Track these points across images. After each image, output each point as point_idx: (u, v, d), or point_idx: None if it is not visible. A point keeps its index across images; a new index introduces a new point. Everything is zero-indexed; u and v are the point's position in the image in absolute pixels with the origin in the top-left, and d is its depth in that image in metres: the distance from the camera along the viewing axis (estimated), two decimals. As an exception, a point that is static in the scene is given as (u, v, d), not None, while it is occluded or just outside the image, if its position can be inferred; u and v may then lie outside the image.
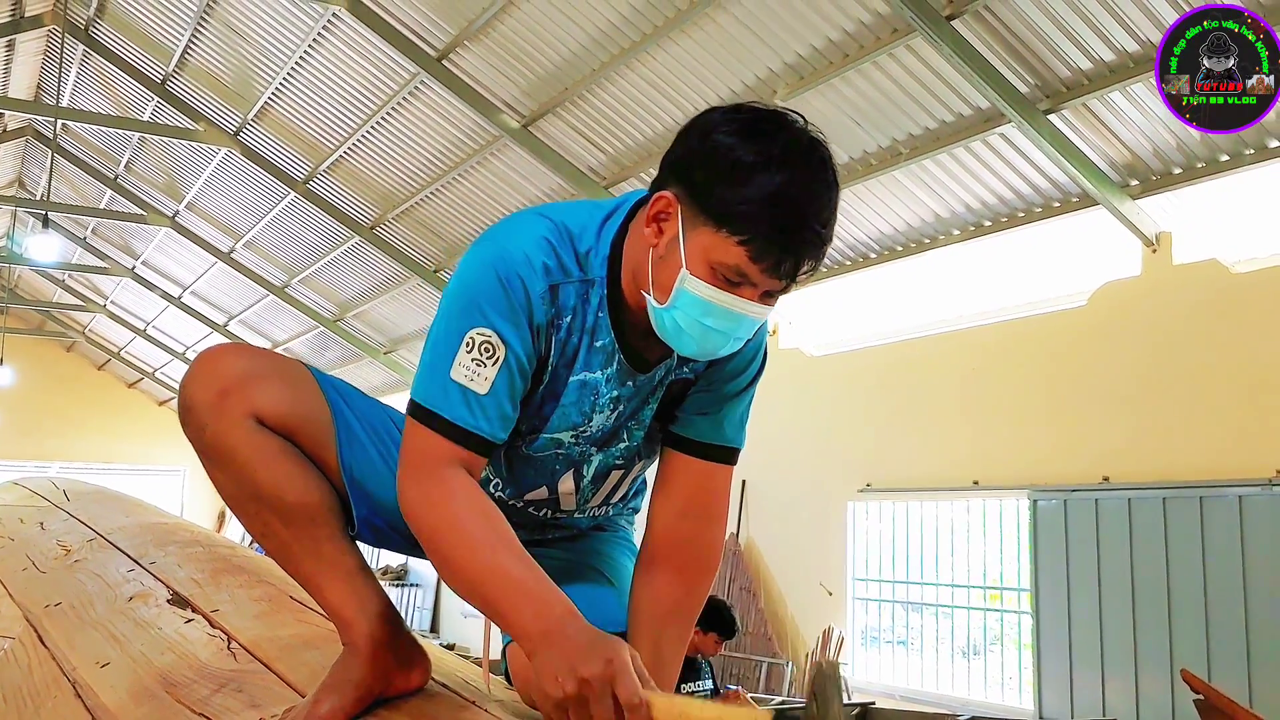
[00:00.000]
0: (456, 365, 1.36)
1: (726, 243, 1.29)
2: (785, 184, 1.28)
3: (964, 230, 7.03)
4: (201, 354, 1.51)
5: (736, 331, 1.36)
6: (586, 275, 1.42)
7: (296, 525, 1.46)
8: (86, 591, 2.08)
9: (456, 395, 1.36)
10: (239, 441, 1.44)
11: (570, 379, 1.45)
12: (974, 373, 7.29)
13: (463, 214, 10.14)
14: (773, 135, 1.31)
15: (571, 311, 1.42)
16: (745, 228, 1.28)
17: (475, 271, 1.39)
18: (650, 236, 1.36)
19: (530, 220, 1.43)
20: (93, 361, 20.63)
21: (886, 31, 6.00)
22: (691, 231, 1.32)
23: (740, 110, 1.34)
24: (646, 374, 1.49)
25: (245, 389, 1.45)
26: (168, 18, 9.84)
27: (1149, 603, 6.08)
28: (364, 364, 14.43)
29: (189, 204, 13.07)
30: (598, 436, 1.52)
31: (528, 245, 1.39)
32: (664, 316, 1.37)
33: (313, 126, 10.11)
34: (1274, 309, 5.69)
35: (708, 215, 1.30)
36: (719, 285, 1.32)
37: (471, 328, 1.36)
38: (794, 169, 1.29)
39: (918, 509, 7.83)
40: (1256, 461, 5.65)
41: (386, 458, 1.52)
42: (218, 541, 2.37)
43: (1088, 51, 5.52)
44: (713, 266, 1.31)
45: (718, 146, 1.31)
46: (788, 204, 1.28)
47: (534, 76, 7.86)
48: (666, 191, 1.35)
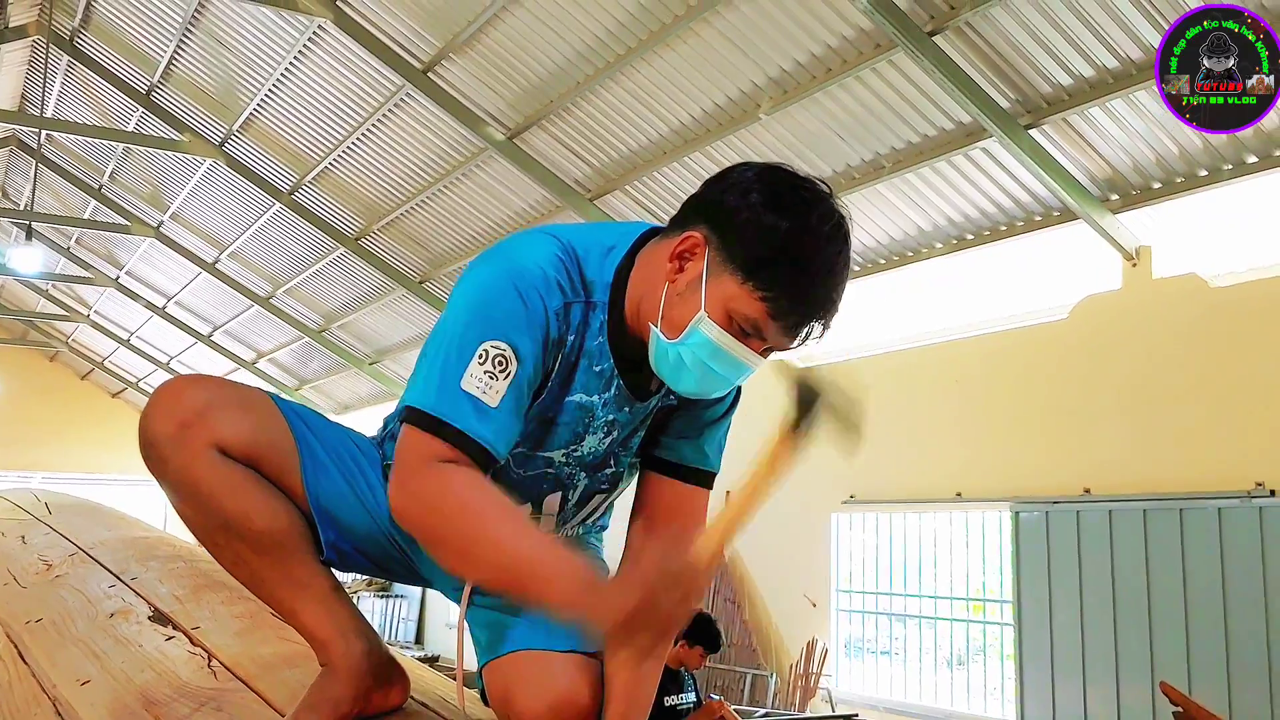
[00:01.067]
0: (468, 376, 1.35)
1: (749, 296, 1.35)
2: (814, 253, 1.35)
3: (946, 243, 7.07)
4: (159, 388, 1.50)
5: (734, 379, 1.42)
6: (591, 298, 1.43)
7: (267, 552, 1.46)
8: (68, 607, 2.08)
9: (467, 405, 1.34)
10: (203, 473, 1.43)
11: (567, 399, 1.46)
12: (957, 385, 7.33)
13: (448, 226, 10.14)
14: (809, 204, 1.36)
15: (576, 332, 1.43)
16: (771, 286, 1.34)
17: (491, 284, 1.38)
18: (670, 272, 1.39)
19: (541, 239, 1.45)
20: (76, 371, 20.54)
21: (869, 47, 6.04)
22: (715, 277, 1.36)
23: (779, 172, 1.39)
24: (644, 403, 1.51)
25: (206, 420, 1.44)
26: (153, 29, 9.84)
27: (1130, 614, 6.12)
28: (349, 374, 14.40)
29: (173, 214, 13.04)
30: (588, 459, 1.53)
31: (544, 261, 1.40)
32: (668, 351, 1.39)
33: (298, 138, 10.11)
34: (1252, 323, 5.74)
35: (735, 265, 1.35)
36: (732, 333, 1.37)
37: (486, 339, 1.35)
38: (824, 241, 1.35)
39: (901, 520, 7.85)
40: (1235, 474, 5.69)
41: (351, 482, 1.53)
42: (199, 557, 2.37)
43: (1068, 67, 5.57)
44: (730, 314, 1.36)
45: (755, 203, 1.35)
46: (814, 273, 1.35)
47: (519, 89, 7.88)
48: (695, 232, 1.37)
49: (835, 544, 8.21)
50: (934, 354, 7.58)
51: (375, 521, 1.52)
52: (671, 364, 1.40)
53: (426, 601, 14.09)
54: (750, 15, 6.25)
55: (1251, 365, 5.71)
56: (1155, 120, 5.60)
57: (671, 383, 1.43)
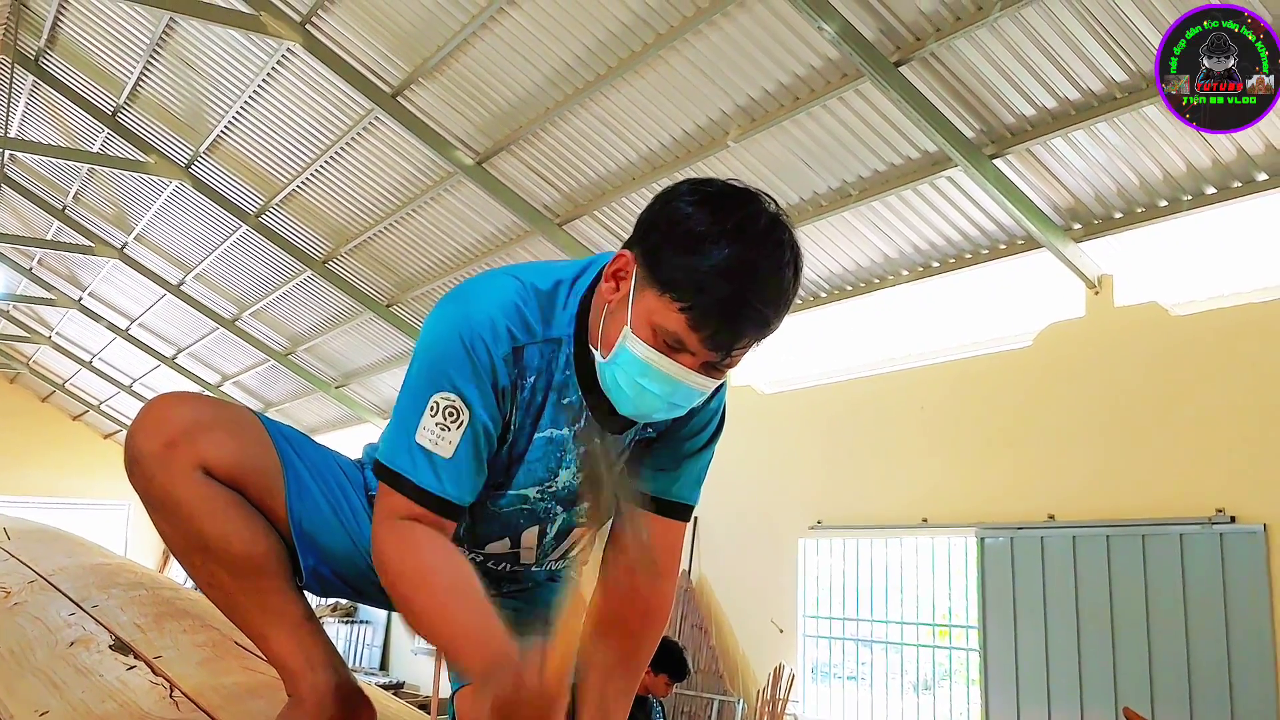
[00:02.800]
0: (421, 429, 1.37)
1: (669, 308, 1.31)
2: (733, 258, 1.29)
3: (912, 270, 7.14)
4: (149, 403, 1.50)
5: (673, 397, 1.37)
6: (553, 334, 1.43)
7: (243, 576, 1.46)
8: (27, 636, 2.05)
9: (422, 459, 1.37)
10: (186, 493, 1.44)
11: (536, 435, 1.47)
12: (922, 411, 7.38)
13: (416, 249, 10.12)
14: (731, 210, 1.33)
15: (536, 371, 1.43)
16: (687, 295, 1.30)
17: (440, 335, 1.40)
18: (608, 292, 1.39)
19: (500, 281, 1.45)
20: (36, 394, 20.26)
21: (836, 76, 6.11)
22: (641, 292, 1.35)
23: (710, 183, 1.37)
24: (618, 434, 1.51)
25: (193, 440, 1.45)
26: (120, 50, 9.78)
27: (1094, 638, 6.16)
28: (315, 398, 14.30)
29: (138, 236, 12.93)
30: (563, 494, 1.53)
31: (492, 309, 1.41)
32: (605, 371, 1.39)
33: (266, 160, 10.06)
34: (1212, 351, 5.83)
35: (655, 278, 1.33)
36: (659, 348, 1.33)
37: (436, 391, 1.37)
38: (745, 245, 1.30)
39: (868, 546, 7.88)
40: (1197, 500, 5.76)
41: (336, 507, 1.53)
42: (162, 584, 2.34)
43: (1031, 99, 5.66)
44: (654, 329, 1.33)
45: (676, 213, 1.34)
46: (732, 279, 1.29)
47: (489, 114, 7.89)
48: (627, 250, 1.38)
49: (803, 569, 8.22)
50: (900, 380, 7.63)
51: (357, 546, 1.52)
52: (609, 385, 1.39)
53: (392, 627, 13.95)
54: (719, 44, 6.30)
55: (1211, 393, 5.79)
56: (1116, 151, 5.69)
57: (616, 405, 1.41)
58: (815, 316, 8.03)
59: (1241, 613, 5.54)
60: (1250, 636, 5.49)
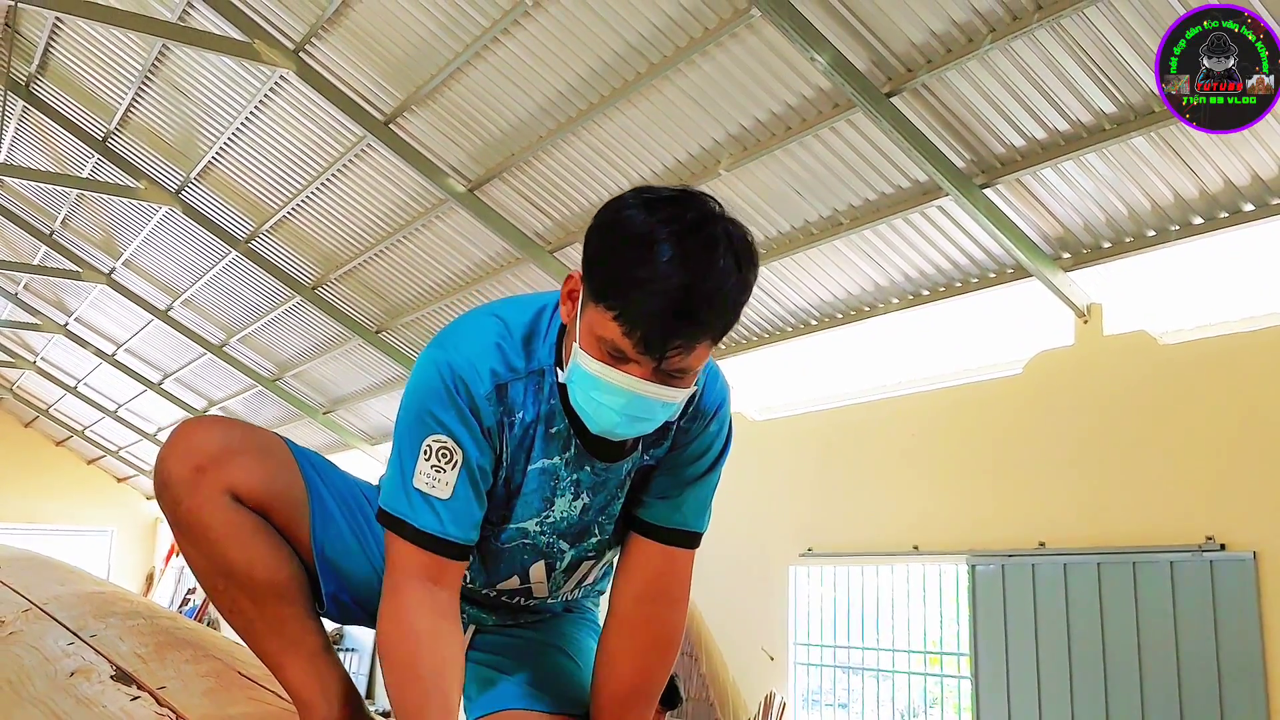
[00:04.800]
0: (418, 474, 1.38)
1: (604, 317, 1.29)
2: (658, 259, 1.26)
3: (903, 299, 7.17)
4: (179, 427, 1.51)
5: (630, 409, 1.33)
6: (534, 366, 1.44)
7: (264, 603, 1.46)
8: (24, 666, 2.03)
9: (420, 503, 1.38)
10: (214, 519, 1.44)
11: (530, 468, 1.47)
12: (913, 439, 7.40)
13: (406, 276, 10.12)
14: (659, 211, 1.30)
15: (523, 406, 1.43)
16: (617, 303, 1.28)
17: (424, 381, 1.41)
18: (565, 315, 1.40)
19: (480, 322, 1.46)
20: (19, 419, 20.11)
21: (828, 106, 6.16)
22: (585, 308, 1.34)
23: (650, 189, 1.35)
24: (612, 463, 1.50)
25: (222, 465, 1.45)
26: (112, 75, 9.79)
27: (1085, 666, 6.16)
28: (302, 424, 14.23)
29: (126, 261, 12.89)
30: (563, 527, 1.52)
31: (471, 352, 1.41)
32: (570, 392, 1.38)
33: (256, 186, 10.06)
34: (1200, 379, 5.86)
35: (592, 289, 1.32)
36: (603, 360, 1.31)
37: (428, 435, 1.38)
38: (671, 244, 1.27)
39: (858, 573, 7.87)
40: (1187, 527, 5.78)
41: (359, 533, 1.53)
42: (159, 613, 2.32)
43: (1021, 129, 5.71)
44: (598, 341, 1.32)
45: (608, 222, 1.34)
46: (658, 281, 1.25)
47: (481, 142, 7.92)
48: (576, 271, 1.38)
49: (793, 596, 8.21)
50: (891, 408, 7.65)
51: (377, 574, 1.52)
52: (575, 405, 1.38)
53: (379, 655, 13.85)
54: (711, 74, 6.35)
55: (1200, 421, 5.83)
56: (1105, 181, 5.74)
57: (586, 424, 1.39)
58: (806, 344, 8.05)
59: (1232, 640, 5.55)
60: (1241, 664, 5.50)
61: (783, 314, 7.89)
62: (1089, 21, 5.03)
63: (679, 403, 1.36)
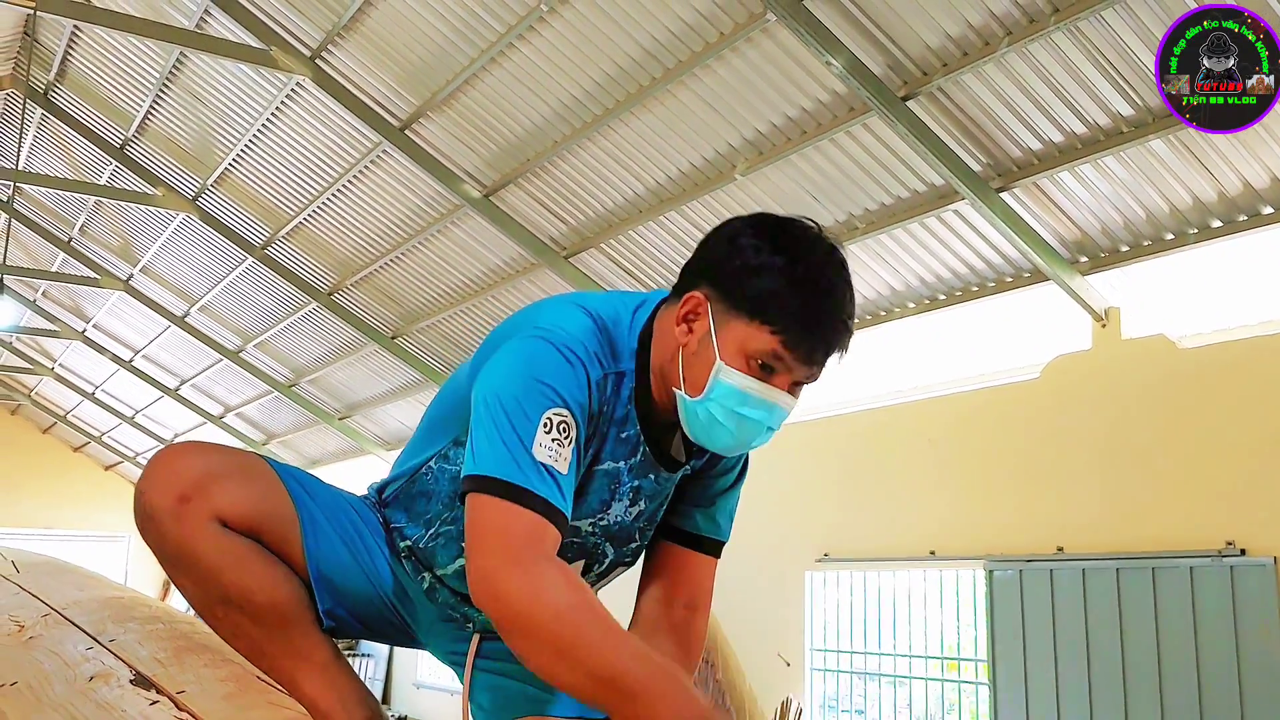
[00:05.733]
0: (538, 445, 1.34)
1: (761, 332, 1.37)
2: (815, 280, 1.38)
3: (919, 303, 7.15)
4: (155, 457, 1.49)
5: (770, 420, 1.42)
6: (620, 368, 1.45)
7: (268, 624, 1.46)
8: (44, 670, 2.03)
9: (545, 474, 1.34)
10: (204, 547, 1.42)
11: (596, 468, 1.47)
12: (930, 444, 7.37)
13: (422, 281, 10.15)
14: (798, 238, 1.41)
15: (608, 402, 1.45)
16: (779, 318, 1.37)
17: (543, 355, 1.39)
18: (681, 335, 1.42)
19: (573, 310, 1.46)
20: (38, 425, 20.24)
21: (844, 110, 6.15)
22: (724, 326, 1.39)
23: (764, 218, 1.44)
24: (671, 473, 1.53)
25: (206, 491, 1.43)
26: (129, 83, 9.85)
27: (1104, 672, 6.12)
28: (318, 429, 14.28)
29: (144, 267, 12.97)
30: (614, 529, 1.52)
31: (582, 334, 1.42)
32: (698, 410, 1.41)
33: (273, 192, 10.11)
34: (1219, 384, 5.83)
35: (740, 309, 1.38)
36: (753, 374, 1.39)
37: (549, 407, 1.36)
38: (821, 268, 1.39)
39: (875, 579, 7.84)
40: (1206, 533, 5.74)
41: (351, 548, 1.53)
42: (177, 618, 2.32)
43: (1038, 133, 5.69)
44: (748, 357, 1.38)
45: (746, 248, 1.40)
46: (819, 297, 1.38)
47: (496, 147, 7.94)
48: (696, 292, 1.41)
49: (810, 602, 8.18)
50: (907, 412, 7.62)
51: (373, 586, 1.52)
52: (704, 423, 1.42)
53: (394, 660, 13.88)
54: (727, 78, 6.35)
55: (1219, 425, 5.79)
56: (1122, 184, 5.71)
57: (707, 443, 1.44)
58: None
59: (1253, 646, 5.51)
60: (1262, 670, 5.46)
61: (798, 319, 7.86)
62: (1106, 24, 5.01)
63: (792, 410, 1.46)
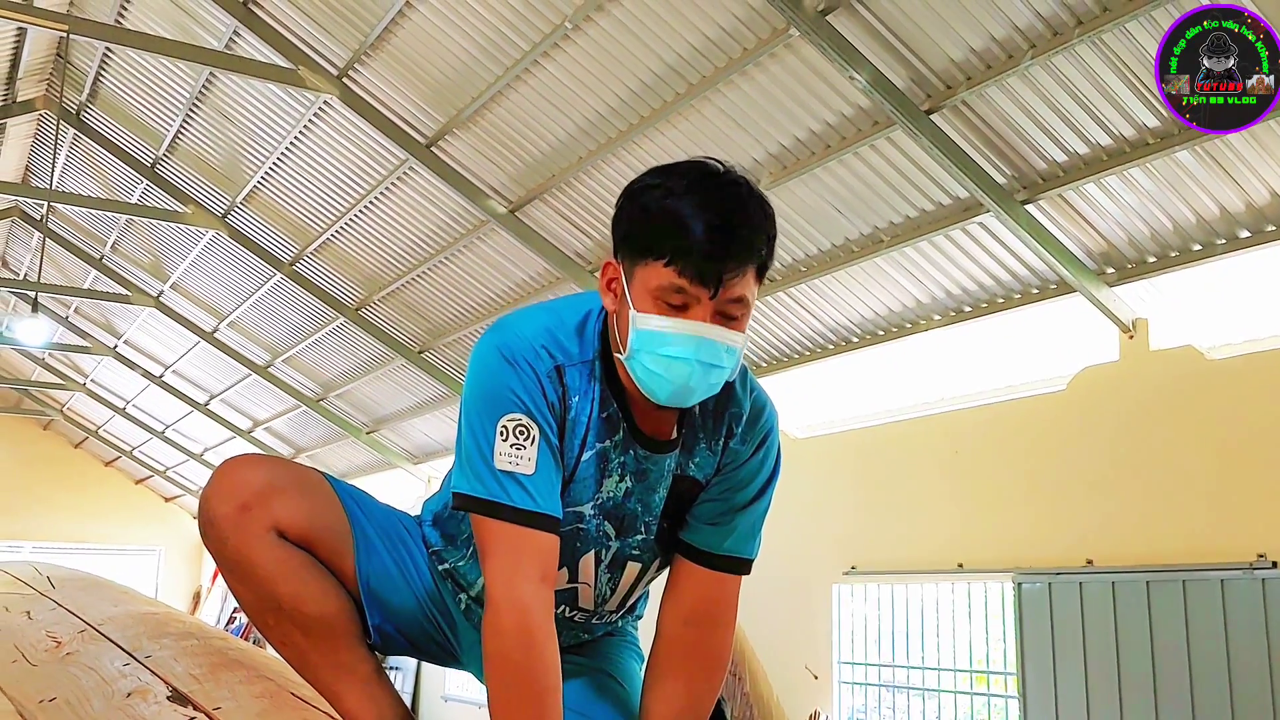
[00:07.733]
0: (498, 455, 1.40)
1: (655, 267, 1.39)
2: (691, 202, 1.38)
3: (945, 316, 7.13)
4: (221, 466, 1.55)
5: (698, 354, 1.39)
6: (588, 356, 1.49)
7: (316, 635, 1.49)
8: (81, 686, 2.06)
9: (509, 482, 1.40)
10: (261, 556, 1.48)
11: (584, 455, 1.50)
12: (956, 456, 7.34)
13: (449, 296, 10.21)
14: (674, 171, 1.43)
15: (579, 392, 1.48)
16: (665, 248, 1.38)
17: (486, 363, 1.45)
18: (610, 305, 1.46)
19: (529, 312, 1.52)
20: (69, 440, 20.44)
21: (867, 124, 6.16)
22: (633, 280, 1.42)
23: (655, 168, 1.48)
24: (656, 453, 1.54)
25: (266, 503, 1.49)
26: (160, 103, 9.99)
27: (1134, 686, 6.07)
28: (346, 443, 14.37)
29: (174, 284, 13.11)
30: (609, 507, 1.55)
31: (527, 332, 1.47)
32: (633, 366, 1.43)
33: (301, 209, 10.21)
34: (1249, 394, 5.78)
35: (635, 253, 1.41)
36: (664, 312, 1.39)
37: (502, 415, 1.41)
38: (699, 190, 1.40)
39: (903, 591, 7.81)
40: (1237, 545, 5.69)
41: (400, 564, 1.56)
42: (211, 634, 2.35)
43: (1063, 145, 5.67)
44: (655, 299, 1.39)
45: (633, 193, 1.44)
46: (697, 216, 1.37)
47: (522, 164, 7.99)
48: (612, 260, 1.47)
49: (837, 615, 8.16)
50: (934, 425, 7.60)
51: (419, 603, 1.55)
52: (643, 379, 1.43)
53: (422, 673, 13.91)
54: (751, 93, 6.37)
55: (1249, 437, 5.74)
56: (1149, 195, 5.69)
57: (654, 396, 1.44)
58: (848, 361, 8.03)
59: (1286, 660, 5.45)
60: (1296, 685, 5.40)
61: (824, 331, 7.88)
62: (1130, 36, 5.00)
63: (739, 349, 1.43)
